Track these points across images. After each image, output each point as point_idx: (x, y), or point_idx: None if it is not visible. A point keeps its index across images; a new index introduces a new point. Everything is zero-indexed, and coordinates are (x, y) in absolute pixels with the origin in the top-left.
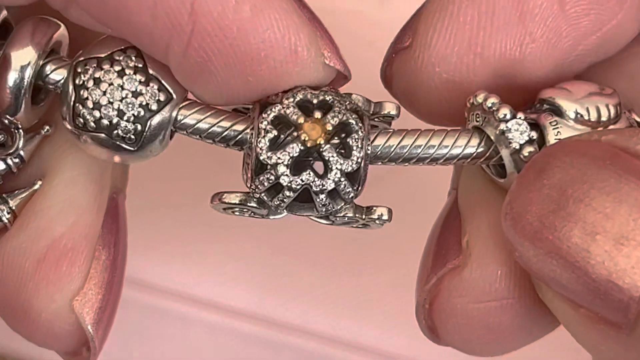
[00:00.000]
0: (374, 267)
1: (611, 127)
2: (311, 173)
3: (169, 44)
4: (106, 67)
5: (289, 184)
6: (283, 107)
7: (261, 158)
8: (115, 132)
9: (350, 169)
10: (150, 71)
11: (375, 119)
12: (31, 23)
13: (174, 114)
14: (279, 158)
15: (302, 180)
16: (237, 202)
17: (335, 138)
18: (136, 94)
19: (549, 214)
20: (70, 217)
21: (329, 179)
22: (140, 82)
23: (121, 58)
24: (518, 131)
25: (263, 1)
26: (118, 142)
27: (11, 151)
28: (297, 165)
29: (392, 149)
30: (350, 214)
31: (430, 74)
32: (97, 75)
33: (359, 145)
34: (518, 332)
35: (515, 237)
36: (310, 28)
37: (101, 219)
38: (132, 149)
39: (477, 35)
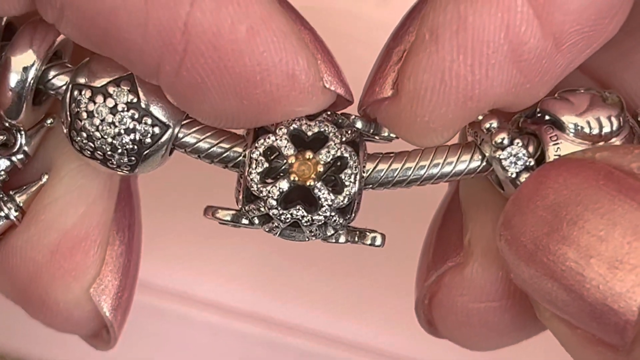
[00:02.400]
0: (373, 267)
1: (614, 139)
2: (300, 208)
3: (160, 63)
4: (99, 101)
5: (278, 217)
6: (276, 139)
7: (251, 190)
8: (110, 162)
9: (341, 204)
10: (143, 104)
11: (376, 138)
12: (31, 27)
13: (171, 137)
14: (269, 192)
15: (291, 215)
16: (229, 219)
17: (329, 171)
18: (129, 131)
19: (543, 236)
20: (80, 207)
21: (319, 214)
22: (133, 118)
23: (114, 92)
24: (515, 157)
25: (260, 22)
26: (113, 170)
27: (13, 151)
28: (287, 197)
29: (396, 173)
30: (342, 240)
31: (423, 127)
32: (90, 108)
33: (352, 181)
34: (516, 331)
35: (511, 258)
36: (310, 51)
37: (113, 204)
38: (128, 172)
39: (472, 91)
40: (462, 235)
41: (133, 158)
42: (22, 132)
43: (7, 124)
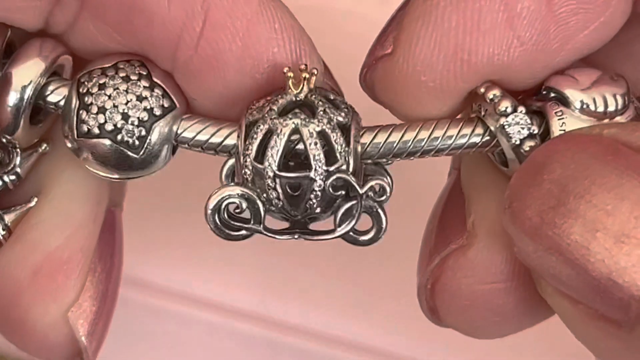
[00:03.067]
0: (374, 267)
1: (618, 117)
2: (301, 115)
3: (181, 35)
4: (111, 73)
5: (279, 127)
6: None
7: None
8: (120, 136)
9: (341, 120)
10: (154, 79)
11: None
12: (39, 40)
13: (175, 127)
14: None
15: (293, 122)
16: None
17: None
18: (140, 98)
19: (549, 210)
20: (66, 230)
21: (318, 120)
22: (144, 87)
23: (125, 66)
24: (518, 125)
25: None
26: (122, 148)
27: (8, 169)
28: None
29: (395, 145)
30: (345, 176)
31: (416, 83)
32: (102, 81)
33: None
34: (520, 315)
35: (515, 232)
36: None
37: (97, 232)
38: (135, 155)
39: (463, 41)
40: (464, 219)
41: (143, 130)
42: (19, 150)
43: (4, 140)
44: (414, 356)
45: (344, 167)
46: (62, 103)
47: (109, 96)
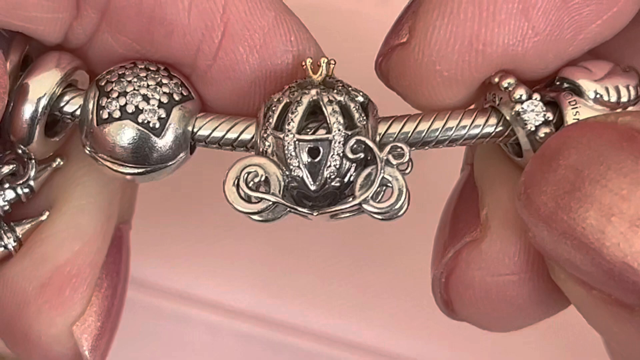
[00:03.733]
0: (374, 267)
1: (630, 108)
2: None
3: (200, 46)
4: (130, 66)
5: (298, 96)
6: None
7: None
8: (141, 117)
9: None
10: (172, 72)
11: None
12: (57, 53)
13: (191, 125)
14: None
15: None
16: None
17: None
18: (160, 84)
19: (564, 195)
20: (75, 245)
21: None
22: (163, 76)
23: (143, 65)
24: (534, 112)
25: (284, 11)
26: (143, 129)
27: (22, 181)
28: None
29: (410, 134)
30: (364, 139)
31: (430, 72)
32: (121, 72)
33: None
34: (534, 307)
35: (530, 218)
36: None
37: (106, 248)
38: (155, 138)
39: (478, 31)
40: (478, 213)
41: (163, 112)
42: (34, 162)
43: (19, 151)
44: (414, 356)
45: (363, 133)
46: (78, 112)
47: (130, 81)
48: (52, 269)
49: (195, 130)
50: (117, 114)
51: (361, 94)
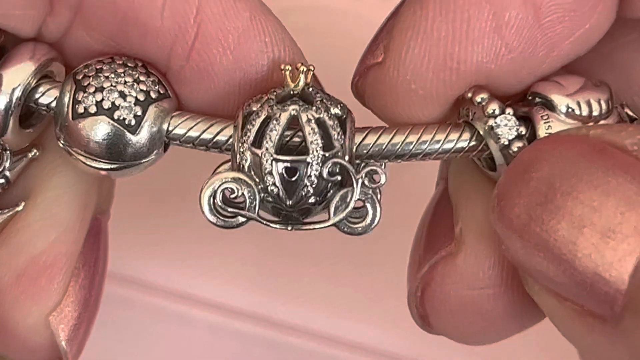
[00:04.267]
0: (374, 267)
1: (602, 122)
2: (299, 102)
3: (173, 46)
4: (108, 61)
5: (277, 113)
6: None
7: (249, 109)
8: (117, 113)
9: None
10: (150, 69)
11: None
12: (32, 44)
13: (166, 123)
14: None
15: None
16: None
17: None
18: (138, 81)
19: (536, 207)
20: (51, 234)
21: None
22: (141, 72)
23: (121, 61)
24: (507, 127)
25: (259, 10)
26: (118, 126)
27: None
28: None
29: (384, 147)
30: (341, 162)
31: (406, 91)
32: (99, 66)
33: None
34: (509, 320)
35: (503, 230)
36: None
37: (83, 238)
38: (130, 135)
39: (452, 50)
40: (452, 227)
41: (139, 110)
42: (9, 153)
43: None
44: (414, 356)
45: (340, 153)
46: (53, 104)
47: (107, 77)
48: (27, 259)
49: (170, 128)
50: (93, 109)
51: (339, 106)
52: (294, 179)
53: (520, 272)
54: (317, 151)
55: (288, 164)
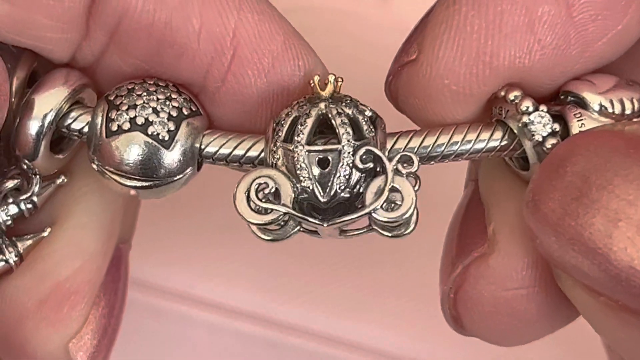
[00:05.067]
0: (374, 267)
1: (635, 120)
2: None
3: (209, 69)
4: (139, 82)
5: (307, 109)
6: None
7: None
8: (151, 128)
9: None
10: (181, 89)
11: None
12: (65, 70)
13: (198, 142)
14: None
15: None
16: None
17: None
18: (170, 99)
19: (571, 201)
20: (76, 262)
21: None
22: (172, 91)
23: (152, 81)
24: (541, 123)
25: (292, 34)
26: (152, 141)
27: (26, 196)
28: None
29: (416, 150)
30: (373, 149)
31: (439, 87)
32: (130, 86)
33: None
34: (542, 320)
35: (537, 225)
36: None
37: (106, 267)
38: (165, 150)
39: (485, 44)
40: (485, 228)
41: (172, 124)
42: (38, 177)
43: (24, 166)
44: (414, 356)
45: (372, 143)
46: (85, 129)
47: (139, 95)
48: (51, 285)
49: (202, 146)
50: (126, 126)
51: (369, 108)
52: (327, 170)
53: (553, 268)
54: (348, 140)
55: (321, 155)
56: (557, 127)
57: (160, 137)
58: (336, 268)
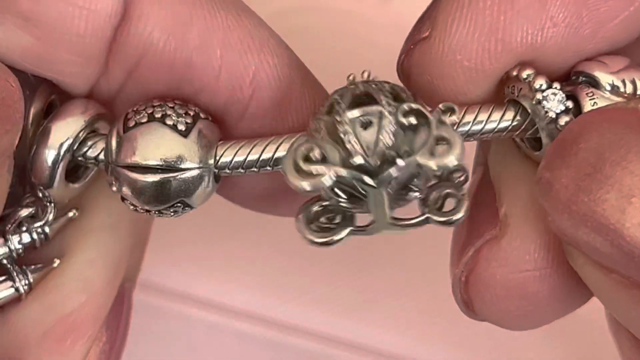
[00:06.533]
0: (374, 267)
1: None
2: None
3: (227, 106)
4: (155, 100)
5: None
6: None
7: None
8: (168, 120)
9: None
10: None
11: None
12: (84, 100)
13: (212, 155)
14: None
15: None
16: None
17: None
18: (185, 108)
19: (585, 177)
20: (82, 297)
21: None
22: (187, 106)
23: (171, 101)
24: (554, 100)
25: (307, 77)
26: (170, 130)
27: (41, 223)
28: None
29: None
30: (414, 105)
31: (451, 63)
32: (147, 103)
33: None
34: (555, 303)
35: (550, 201)
36: None
37: (110, 303)
38: (182, 138)
39: (497, 20)
40: (495, 211)
41: (190, 121)
42: (53, 205)
43: (40, 194)
44: (414, 356)
45: (411, 100)
46: (101, 157)
47: (157, 105)
48: (57, 318)
49: (217, 158)
50: (144, 120)
51: (406, 91)
52: (370, 130)
53: (565, 246)
54: (388, 101)
55: (362, 118)
56: (570, 104)
57: (179, 128)
58: (336, 268)
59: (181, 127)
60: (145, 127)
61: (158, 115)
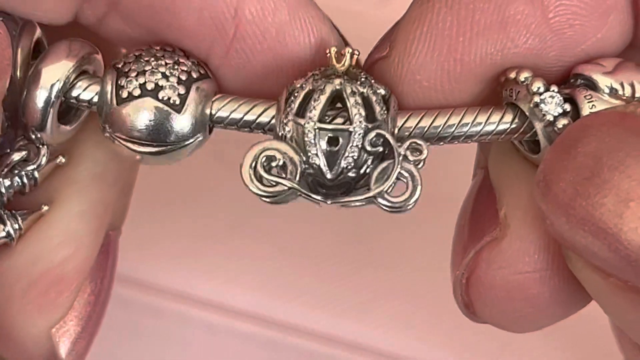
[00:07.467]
0: (374, 267)
1: None
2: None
3: (211, 46)
4: (146, 48)
5: (322, 85)
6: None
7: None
8: (161, 93)
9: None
10: (187, 54)
11: None
12: (68, 40)
13: (209, 103)
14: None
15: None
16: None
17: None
18: (178, 63)
19: (583, 181)
20: (68, 250)
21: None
22: (180, 55)
23: (159, 47)
24: (552, 103)
25: (301, 5)
26: (163, 106)
27: (33, 167)
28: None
29: (426, 129)
30: (383, 133)
31: (410, 83)
32: (137, 53)
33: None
34: (555, 305)
35: (548, 205)
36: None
37: (95, 254)
38: (176, 114)
39: (456, 40)
40: (496, 213)
41: (182, 88)
42: (46, 148)
43: (32, 136)
44: (414, 356)
45: (383, 127)
46: (95, 99)
47: (147, 61)
48: (41, 270)
49: (213, 112)
50: (137, 92)
51: (383, 87)
52: (336, 148)
53: (563, 249)
54: (360, 122)
55: (330, 134)
56: (568, 107)
57: (172, 101)
58: (336, 268)
59: (175, 99)
60: (138, 104)
61: (150, 87)
